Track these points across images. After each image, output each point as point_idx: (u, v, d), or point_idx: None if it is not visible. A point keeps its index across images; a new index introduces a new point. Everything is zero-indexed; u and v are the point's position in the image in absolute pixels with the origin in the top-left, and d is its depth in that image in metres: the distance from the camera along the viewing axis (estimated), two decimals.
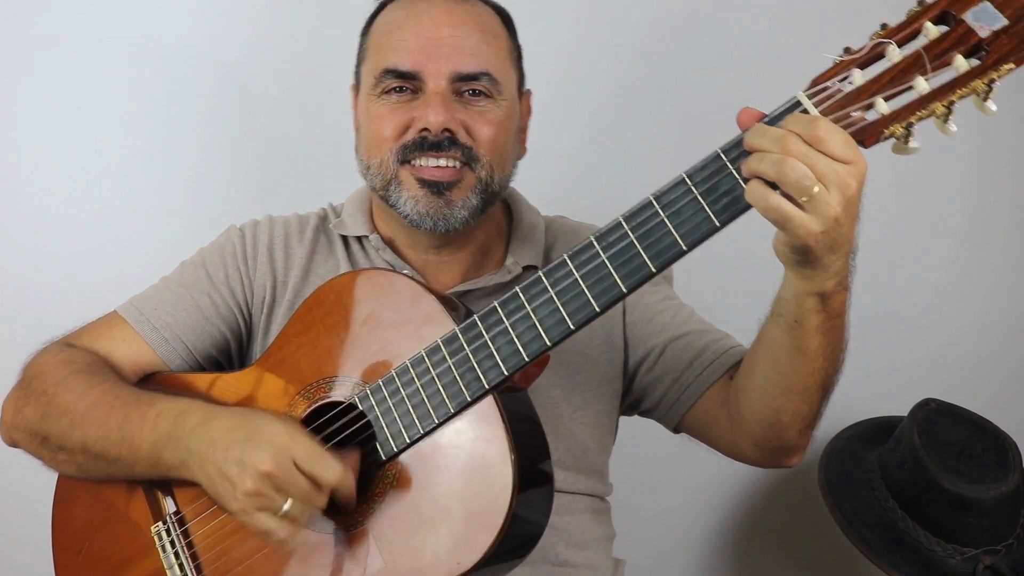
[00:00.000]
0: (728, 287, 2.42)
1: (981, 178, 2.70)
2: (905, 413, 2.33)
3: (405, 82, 1.79)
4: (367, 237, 1.92)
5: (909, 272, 2.71)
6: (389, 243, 1.91)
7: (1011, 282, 2.77)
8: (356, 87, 1.93)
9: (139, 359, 1.83)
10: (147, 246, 2.57)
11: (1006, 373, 2.76)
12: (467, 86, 1.79)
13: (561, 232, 2.01)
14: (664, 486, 2.72)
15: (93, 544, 1.76)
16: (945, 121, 1.27)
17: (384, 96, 1.81)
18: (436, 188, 1.77)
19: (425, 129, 1.76)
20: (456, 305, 1.59)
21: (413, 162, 1.78)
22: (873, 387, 2.57)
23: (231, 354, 1.92)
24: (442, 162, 1.77)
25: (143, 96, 2.62)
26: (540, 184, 2.03)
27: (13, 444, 1.82)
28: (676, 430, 1.93)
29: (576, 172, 2.66)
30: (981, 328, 2.76)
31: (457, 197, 1.78)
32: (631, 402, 1.96)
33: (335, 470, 1.48)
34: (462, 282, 1.88)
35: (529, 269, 1.90)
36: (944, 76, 1.26)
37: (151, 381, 1.83)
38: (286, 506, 1.47)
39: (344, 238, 1.94)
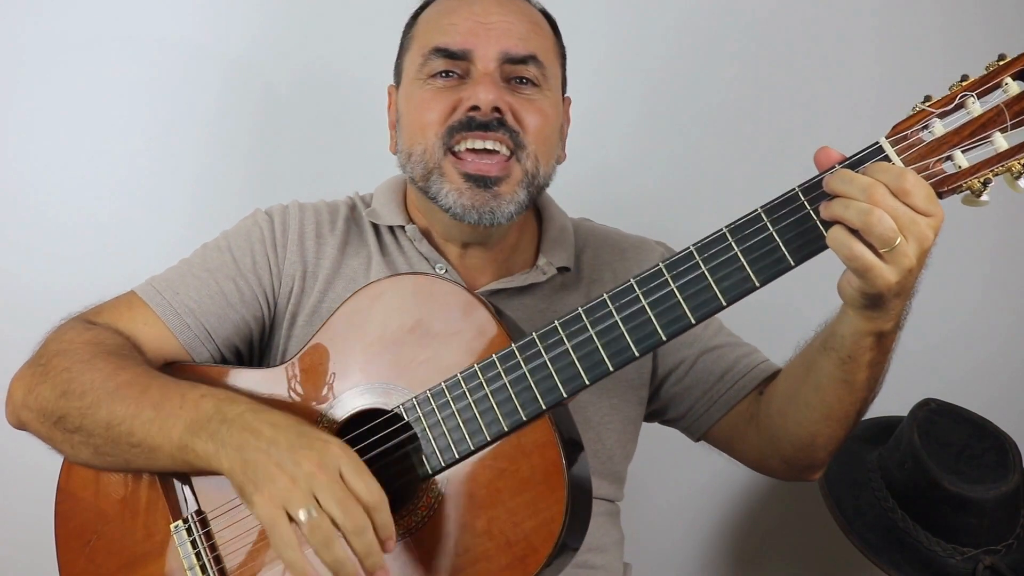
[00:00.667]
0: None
1: None
2: (905, 413, 2.35)
3: (453, 63, 1.77)
4: (402, 227, 1.89)
5: None
6: (425, 234, 1.89)
7: (1011, 282, 2.80)
8: (396, 82, 1.91)
9: (161, 344, 1.77)
10: (150, 244, 2.53)
11: (1006, 373, 2.79)
12: (515, 71, 1.78)
13: (590, 235, 2.00)
14: (664, 487, 2.74)
15: (102, 536, 1.71)
16: (1017, 178, 1.30)
17: (430, 80, 1.78)
18: (483, 182, 1.74)
19: (474, 108, 1.73)
20: (487, 305, 1.57)
21: (457, 147, 1.75)
22: None
23: (252, 343, 1.87)
24: (489, 144, 1.74)
25: (146, 94, 2.58)
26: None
27: (19, 425, 1.75)
28: (698, 439, 1.97)
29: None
30: (981, 328, 2.79)
31: (506, 191, 1.75)
32: (655, 410, 1.98)
33: (376, 493, 1.41)
34: (494, 280, 1.87)
35: (563, 270, 1.91)
36: (1021, 134, 1.29)
37: (175, 371, 1.75)
38: (306, 512, 1.38)
39: (375, 228, 1.91)
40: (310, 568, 1.41)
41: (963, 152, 1.30)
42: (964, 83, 1.31)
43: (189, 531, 1.65)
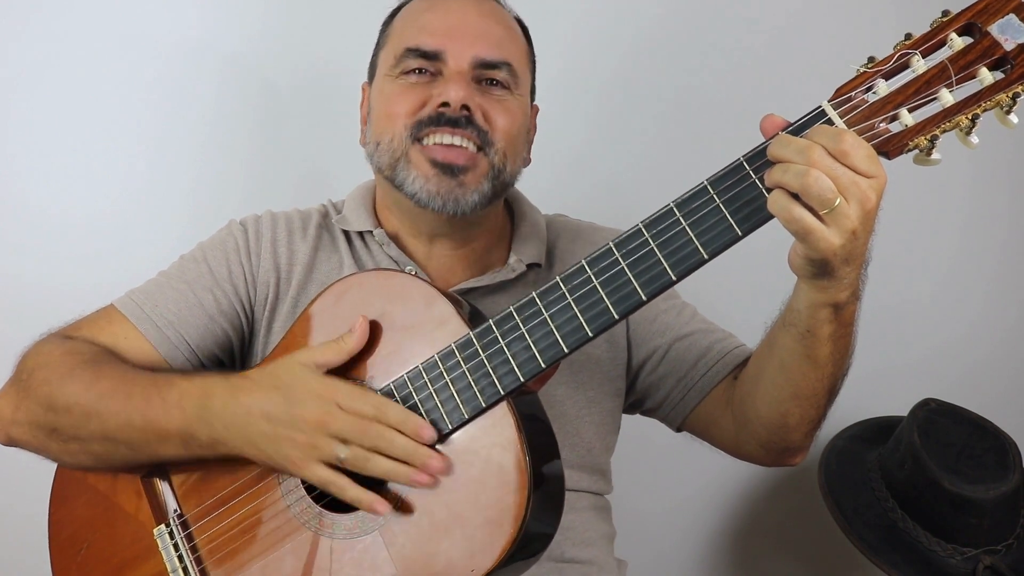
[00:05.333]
0: (729, 285, 2.43)
1: (982, 178, 2.71)
2: (905, 413, 2.33)
3: (427, 63, 1.78)
4: (371, 232, 1.90)
5: (909, 272, 2.72)
6: (394, 238, 1.90)
7: (1012, 283, 2.78)
8: (370, 78, 1.93)
9: (140, 356, 1.79)
10: (148, 243, 2.54)
11: (1006, 373, 2.77)
12: (488, 74, 1.80)
13: (563, 230, 2.01)
14: (664, 486, 2.73)
15: (92, 545, 1.73)
16: (968, 134, 1.29)
17: (402, 76, 1.80)
18: (449, 170, 1.75)
19: (444, 104, 1.75)
20: (461, 303, 1.58)
21: (425, 140, 1.77)
22: (873, 387, 2.57)
23: (233, 352, 1.89)
24: (456, 140, 1.76)
25: (144, 93, 2.60)
26: (542, 185, 2.04)
27: (9, 442, 1.77)
28: (679, 429, 1.95)
29: (577, 174, 2.66)
30: (981, 328, 2.77)
31: (471, 181, 1.77)
32: (633, 401, 1.97)
33: (373, 403, 1.48)
34: (466, 279, 1.87)
35: (533, 267, 1.91)
36: (968, 88, 1.27)
37: None
38: (343, 452, 1.48)
39: (347, 234, 1.93)
40: (372, 496, 1.50)
41: (909, 111, 1.29)
42: (907, 41, 1.30)
43: (171, 534, 1.67)
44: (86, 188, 2.60)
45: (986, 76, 1.26)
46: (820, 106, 1.34)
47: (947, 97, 1.27)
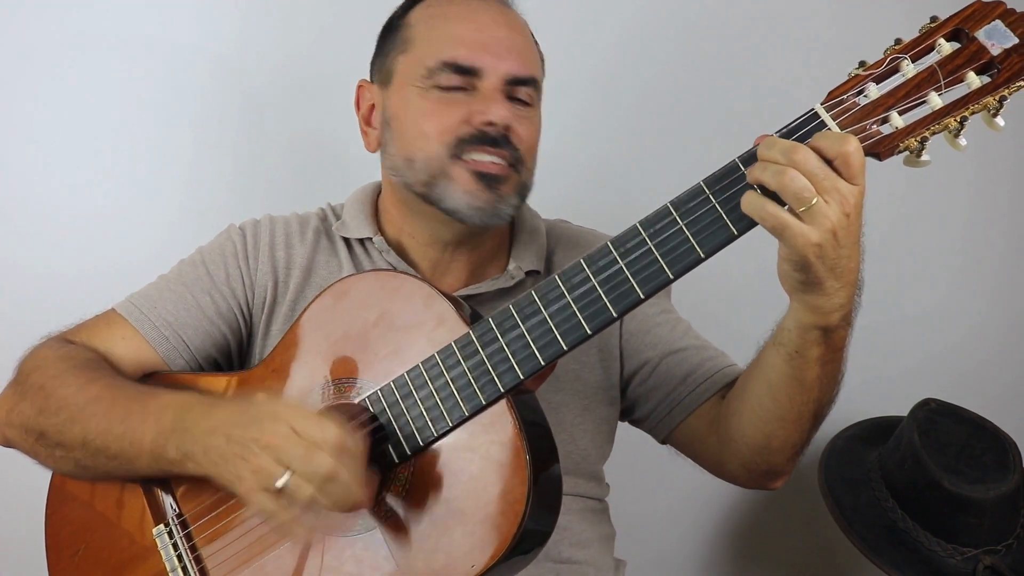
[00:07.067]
0: (725, 301, 2.44)
1: (982, 179, 2.72)
2: (905, 413, 2.33)
3: (463, 79, 1.76)
4: (370, 239, 1.90)
5: (910, 273, 2.73)
6: (396, 244, 1.90)
7: (1012, 283, 2.79)
8: (380, 81, 1.89)
9: (139, 358, 1.81)
10: (143, 244, 2.54)
11: (1006, 374, 2.77)
12: (517, 91, 1.79)
13: (563, 237, 2.00)
14: (664, 486, 2.72)
15: (90, 546, 1.74)
16: (956, 136, 1.31)
17: (435, 90, 1.77)
18: (492, 182, 1.74)
19: (489, 124, 1.73)
20: (461, 304, 1.59)
21: (465, 156, 1.75)
22: (873, 387, 2.58)
23: (231, 355, 1.90)
24: (495, 159, 1.74)
25: (138, 94, 2.60)
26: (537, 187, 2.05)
27: (6, 443, 1.79)
28: (663, 442, 1.95)
29: (573, 175, 2.66)
30: (982, 328, 2.78)
31: (506, 193, 1.76)
32: (623, 409, 1.97)
33: (331, 429, 1.40)
34: (465, 286, 1.87)
35: (532, 274, 1.91)
36: (957, 92, 1.29)
37: (154, 380, 1.80)
38: (283, 479, 1.39)
39: (346, 240, 1.92)
40: (311, 534, 1.51)
41: (899, 113, 1.30)
42: (897, 46, 1.32)
43: (171, 535, 1.68)
44: (82, 189, 2.60)
45: (973, 80, 1.28)
46: (813, 109, 1.35)
47: (936, 100, 1.28)
